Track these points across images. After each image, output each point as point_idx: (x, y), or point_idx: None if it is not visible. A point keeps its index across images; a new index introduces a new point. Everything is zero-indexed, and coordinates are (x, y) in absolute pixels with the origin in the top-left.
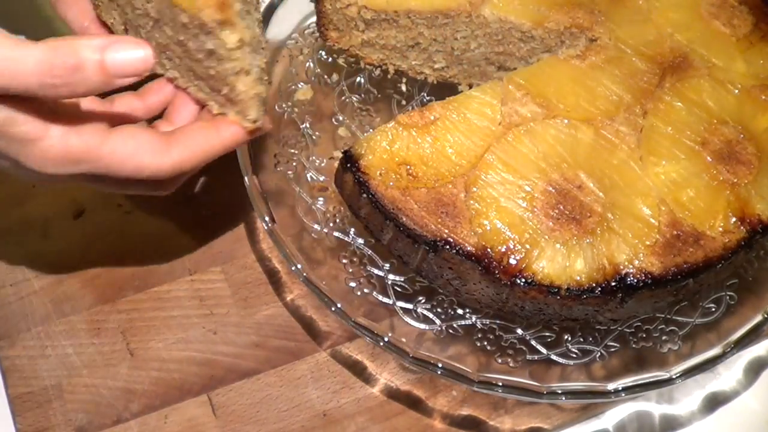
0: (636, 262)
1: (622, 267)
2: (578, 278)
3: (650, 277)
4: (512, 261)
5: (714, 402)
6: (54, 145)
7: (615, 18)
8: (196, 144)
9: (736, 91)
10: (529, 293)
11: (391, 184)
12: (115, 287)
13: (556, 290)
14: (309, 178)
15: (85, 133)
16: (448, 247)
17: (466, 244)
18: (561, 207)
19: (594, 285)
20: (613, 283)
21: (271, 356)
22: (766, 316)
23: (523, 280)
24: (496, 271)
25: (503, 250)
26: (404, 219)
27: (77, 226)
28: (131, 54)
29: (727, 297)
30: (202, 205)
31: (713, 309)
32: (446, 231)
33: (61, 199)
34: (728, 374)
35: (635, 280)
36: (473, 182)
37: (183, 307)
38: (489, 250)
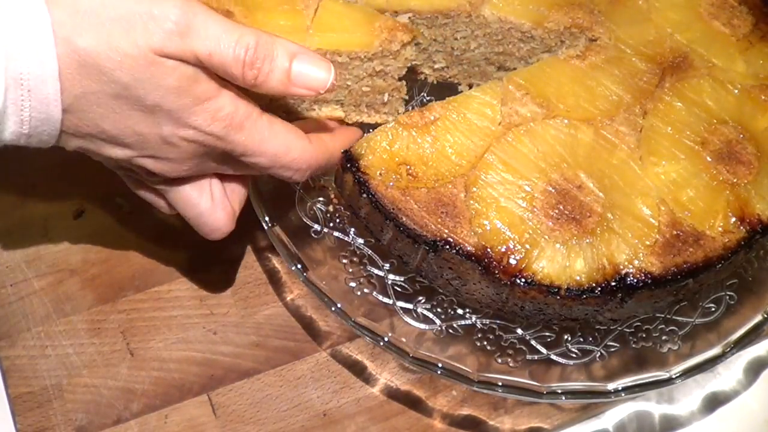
0: (636, 262)
1: (622, 267)
2: (578, 278)
3: (650, 277)
4: (512, 261)
5: (714, 402)
6: (226, 105)
7: (615, 18)
8: (324, 139)
9: (736, 91)
10: (529, 293)
11: (391, 184)
12: (115, 287)
13: (556, 290)
14: (309, 178)
15: (250, 104)
16: (448, 247)
17: (466, 244)
18: (561, 207)
19: (594, 285)
20: (613, 283)
21: (271, 356)
22: (766, 316)
23: (523, 280)
24: (496, 271)
25: (503, 250)
26: (404, 219)
27: (77, 226)
28: (316, 72)
29: (727, 297)
30: None
31: (713, 309)
32: (446, 231)
33: (61, 199)
34: (728, 374)
35: (635, 280)
36: (473, 182)
37: (183, 307)
38: (489, 250)
